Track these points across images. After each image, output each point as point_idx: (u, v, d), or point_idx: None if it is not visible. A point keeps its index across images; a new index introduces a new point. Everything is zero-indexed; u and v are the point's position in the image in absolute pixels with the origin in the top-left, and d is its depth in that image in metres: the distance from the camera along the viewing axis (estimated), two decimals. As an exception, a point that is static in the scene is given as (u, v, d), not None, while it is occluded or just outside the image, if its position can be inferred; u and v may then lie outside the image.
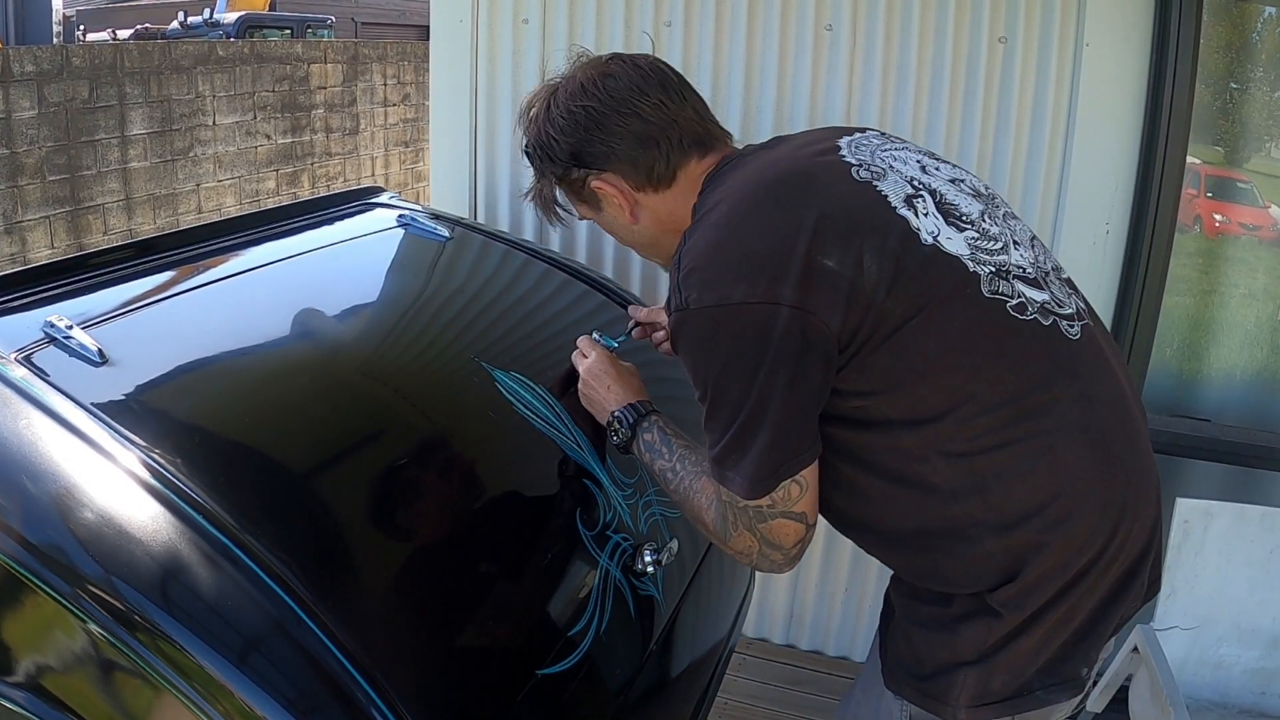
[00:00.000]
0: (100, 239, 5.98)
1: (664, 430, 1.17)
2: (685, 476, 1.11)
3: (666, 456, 1.15)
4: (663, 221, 1.14)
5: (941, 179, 1.07)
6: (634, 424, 1.20)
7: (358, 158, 8.33)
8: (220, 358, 1.21)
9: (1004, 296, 0.99)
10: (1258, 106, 2.08)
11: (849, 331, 0.94)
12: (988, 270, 0.99)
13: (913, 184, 1.03)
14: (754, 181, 1.03)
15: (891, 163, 1.05)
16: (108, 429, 0.98)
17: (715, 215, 1.01)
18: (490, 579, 1.12)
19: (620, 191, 1.13)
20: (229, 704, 0.86)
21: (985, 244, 1.01)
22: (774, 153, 1.10)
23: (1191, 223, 2.16)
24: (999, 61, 1.97)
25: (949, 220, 1.01)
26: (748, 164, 1.08)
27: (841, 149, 1.06)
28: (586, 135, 1.11)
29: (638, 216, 1.15)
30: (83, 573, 0.90)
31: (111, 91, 5.97)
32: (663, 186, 1.12)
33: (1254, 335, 2.16)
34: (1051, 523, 0.95)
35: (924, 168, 1.07)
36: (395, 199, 1.82)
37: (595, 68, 1.14)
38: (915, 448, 0.96)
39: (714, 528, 1.06)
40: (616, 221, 1.18)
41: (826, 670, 2.35)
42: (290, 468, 1.11)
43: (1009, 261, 1.02)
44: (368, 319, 1.43)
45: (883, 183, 1.02)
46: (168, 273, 1.34)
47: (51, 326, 1.09)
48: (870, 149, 1.07)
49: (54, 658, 0.95)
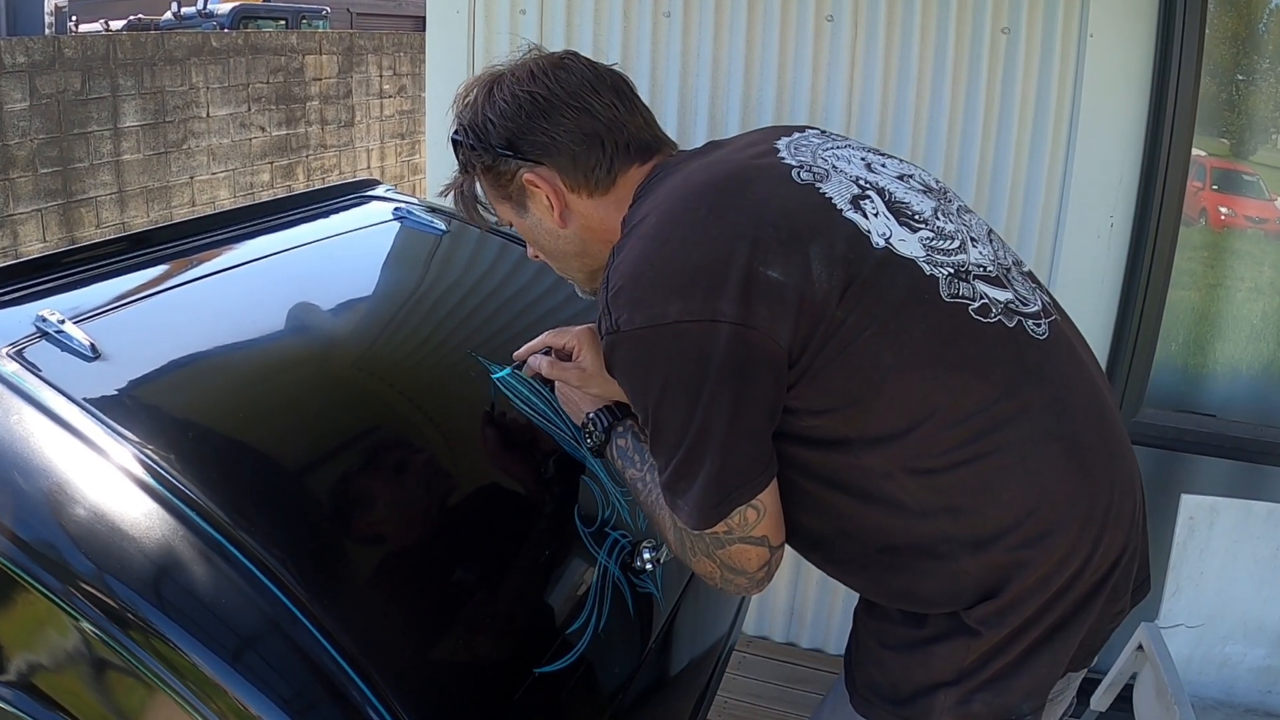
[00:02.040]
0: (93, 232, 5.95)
1: (638, 436, 1.09)
2: (654, 488, 1.02)
3: (637, 465, 1.08)
4: (592, 231, 1.06)
5: (889, 176, 1.00)
6: (608, 428, 1.12)
7: (353, 150, 8.30)
8: (214, 353, 1.20)
9: (965, 299, 0.92)
10: (1264, 98, 2.08)
11: (799, 345, 0.88)
12: (946, 272, 0.93)
13: (859, 184, 0.97)
14: (685, 189, 0.96)
15: (835, 163, 0.99)
16: (100, 425, 0.97)
17: (644, 227, 0.94)
18: (487, 576, 1.11)
19: (553, 190, 1.04)
20: (223, 703, 0.85)
21: (941, 243, 0.95)
22: (707, 158, 1.02)
23: (1197, 216, 2.16)
24: (1002, 52, 1.97)
25: (901, 220, 0.95)
26: (679, 171, 1.00)
27: (780, 150, 0.99)
28: (529, 122, 1.02)
29: (566, 221, 1.06)
30: (75, 570, 0.89)
31: (104, 83, 5.94)
32: (598, 191, 1.04)
33: (1260, 330, 2.15)
34: (1030, 539, 0.91)
35: (869, 165, 1.01)
36: (391, 192, 1.80)
37: (549, 59, 1.07)
38: (878, 466, 0.91)
39: (675, 548, 1.01)
40: (540, 225, 1.08)
41: (827, 668, 2.35)
42: (285, 464, 1.10)
43: (968, 260, 0.95)
44: (364, 313, 1.42)
45: (826, 184, 0.95)
46: (161, 267, 1.33)
47: (43, 321, 1.08)
48: (811, 149, 1.00)
49: (46, 656, 0.94)
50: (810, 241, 0.89)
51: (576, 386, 1.17)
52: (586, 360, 1.16)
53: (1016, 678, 0.93)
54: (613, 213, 1.04)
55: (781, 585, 2.39)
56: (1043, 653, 0.93)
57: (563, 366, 1.18)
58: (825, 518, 0.97)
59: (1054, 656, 0.95)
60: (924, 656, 0.95)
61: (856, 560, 0.99)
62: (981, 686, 0.93)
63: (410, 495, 1.15)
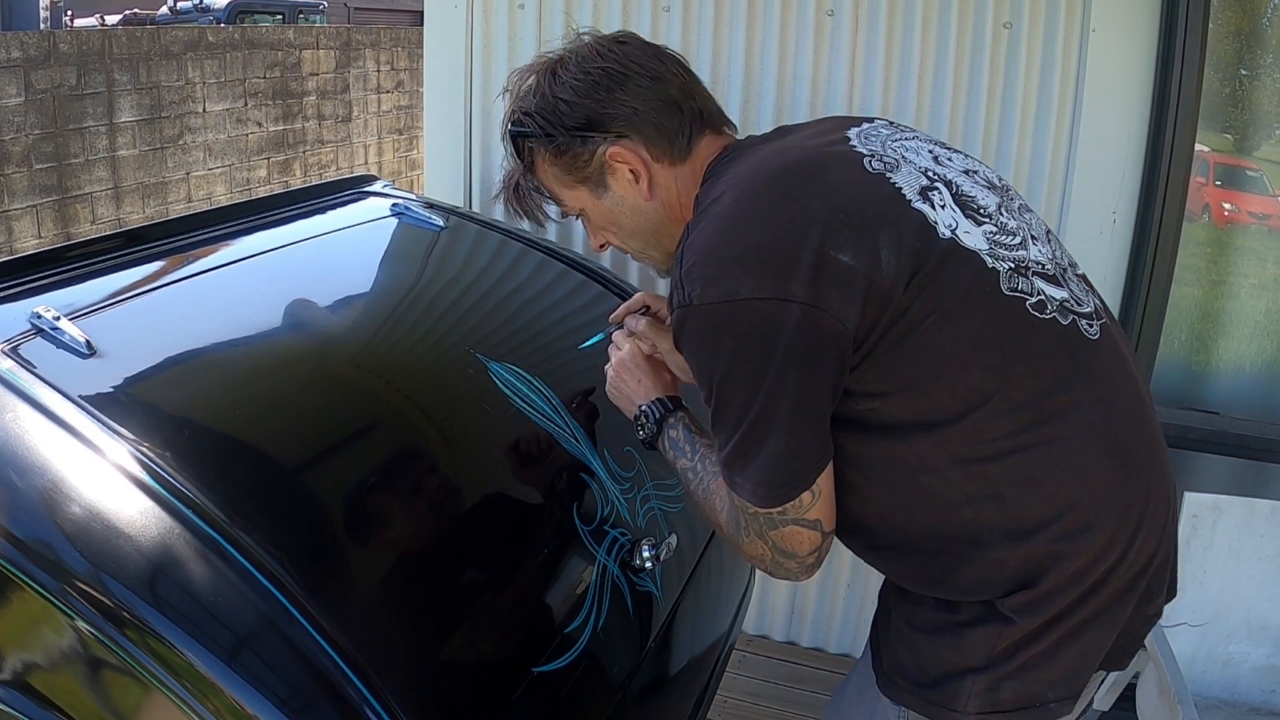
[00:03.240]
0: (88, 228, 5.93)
1: (689, 428, 1.11)
2: (705, 477, 1.05)
3: (689, 455, 1.08)
4: (670, 206, 1.07)
5: (955, 170, 1.02)
6: (660, 419, 1.12)
7: (350, 145, 8.28)
8: (211, 349, 1.19)
9: (1023, 294, 0.95)
10: (1268, 93, 2.07)
11: (864, 329, 0.89)
12: (1006, 266, 0.95)
13: (927, 175, 0.99)
14: (760, 171, 0.98)
15: (904, 154, 1.01)
16: (96, 422, 0.96)
17: (719, 206, 0.96)
18: (486, 575, 1.11)
19: (640, 161, 1.04)
20: (219, 702, 0.84)
21: (1003, 238, 0.97)
22: (780, 143, 1.04)
23: (1200, 212, 2.15)
24: (1004, 47, 1.96)
25: (967, 213, 0.97)
26: (752, 154, 1.02)
27: (851, 139, 1.01)
28: (607, 95, 1.03)
29: (653, 193, 1.06)
30: (70, 568, 0.89)
31: (100, 78, 5.92)
32: (678, 160, 1.05)
33: (1264, 326, 2.15)
34: (1069, 532, 0.92)
35: (937, 158, 1.03)
36: (389, 187, 1.80)
37: (608, 37, 1.08)
38: (928, 453, 0.93)
39: (728, 531, 1.02)
40: (623, 203, 1.08)
41: (828, 668, 2.34)
42: (282, 461, 1.10)
43: (1028, 257, 0.98)
44: (361, 310, 1.41)
45: (896, 174, 0.97)
46: (157, 263, 1.32)
47: (38, 318, 1.07)
48: (880, 139, 1.02)
49: (41, 655, 0.94)
50: (880, 229, 0.91)
51: (667, 350, 1.17)
52: None
53: (1045, 668, 0.95)
54: (688, 186, 1.05)
55: (782, 584, 2.39)
56: (1073, 644, 0.95)
57: (659, 326, 1.19)
58: (869, 504, 0.99)
59: (1085, 650, 0.96)
60: (955, 640, 0.96)
61: (897, 548, 1.00)
62: (1011, 675, 0.94)
63: (408, 493, 1.14)
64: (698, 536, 1.43)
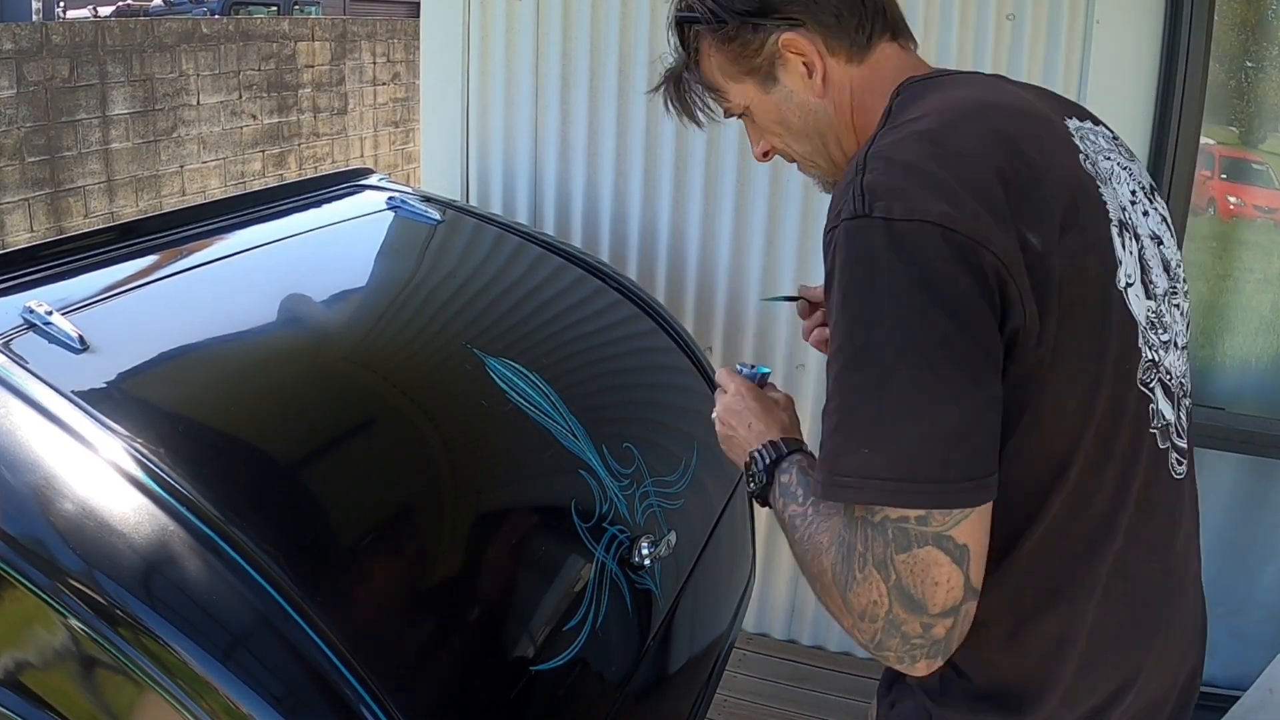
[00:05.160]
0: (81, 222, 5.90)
1: (805, 472, 0.91)
2: (814, 520, 0.84)
3: (800, 500, 0.88)
4: (843, 109, 0.94)
5: (1147, 228, 0.89)
6: (772, 464, 0.94)
7: (346, 138, 8.24)
8: (205, 345, 1.18)
9: (1149, 394, 0.83)
10: (1273, 85, 2.06)
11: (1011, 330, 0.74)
12: (1149, 356, 0.83)
13: (1124, 210, 0.86)
14: (978, 107, 0.84)
15: (1115, 173, 0.89)
16: (89, 418, 0.95)
17: (922, 125, 0.81)
18: (483, 573, 1.10)
19: (815, 52, 0.92)
20: (214, 701, 0.84)
21: (1158, 327, 0.85)
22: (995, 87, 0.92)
23: (1205, 205, 2.14)
24: (1007, 39, 1.95)
25: (1143, 278, 0.85)
26: (961, 86, 0.89)
27: (1070, 127, 0.90)
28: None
29: (826, 89, 0.94)
30: (63, 566, 0.88)
31: (92, 70, 5.88)
32: (856, 58, 0.93)
33: (1269, 321, 2.13)
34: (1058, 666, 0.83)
35: (1135, 201, 0.90)
36: (385, 181, 1.79)
37: None
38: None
39: (832, 576, 0.77)
40: (792, 98, 0.95)
41: (829, 666, 2.34)
42: (277, 458, 1.09)
43: (1164, 360, 0.86)
44: (357, 305, 1.41)
45: (1105, 188, 0.85)
46: (151, 257, 1.32)
47: (31, 312, 1.07)
48: (1097, 147, 0.91)
49: (33, 654, 0.93)
50: (1068, 230, 0.78)
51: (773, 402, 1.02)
52: None
53: None
54: (865, 93, 0.93)
55: (782, 582, 2.38)
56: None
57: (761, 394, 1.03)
58: None
59: None
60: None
61: None
62: None
63: (405, 490, 1.14)
64: (697, 534, 1.42)
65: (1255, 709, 1.76)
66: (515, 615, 1.11)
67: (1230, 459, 2.08)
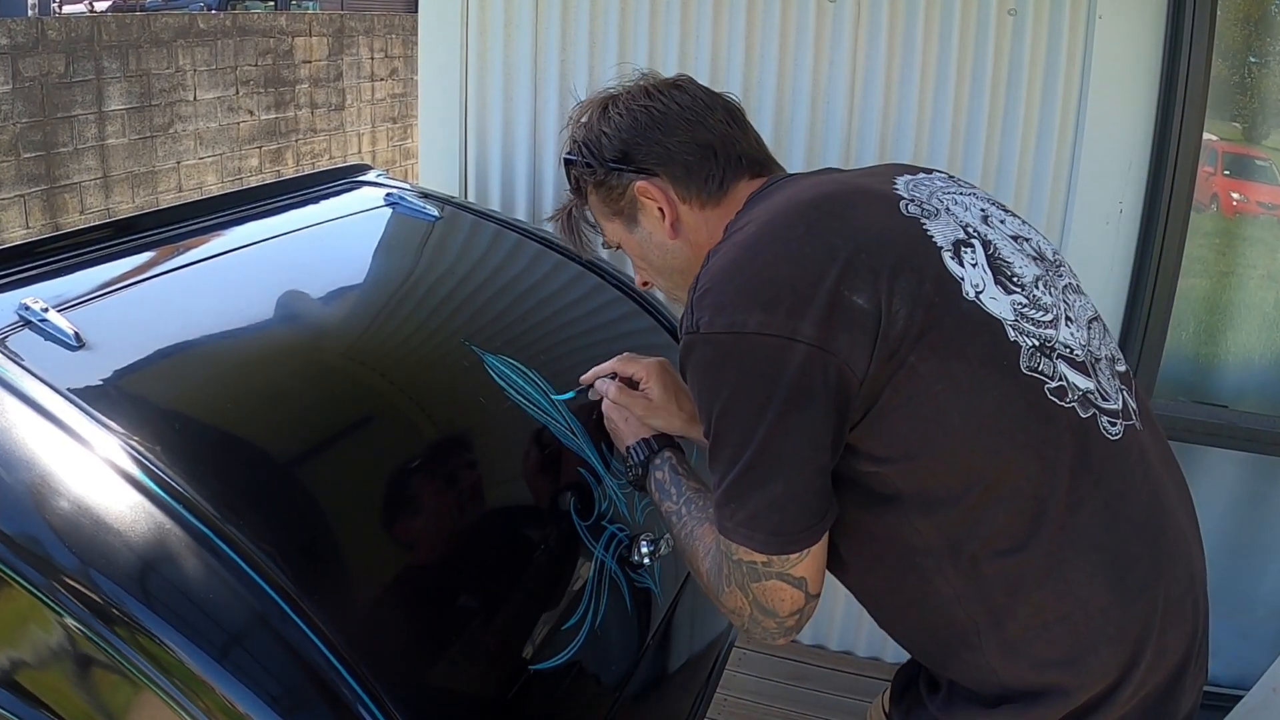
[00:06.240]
0: (77, 218, 5.89)
1: (676, 470, 1.11)
2: (689, 522, 1.04)
3: (674, 498, 1.08)
4: (699, 247, 1.06)
5: (1002, 233, 0.98)
6: (645, 460, 1.13)
7: (343, 134, 8.23)
8: (202, 342, 1.18)
9: (1043, 376, 0.89)
10: (1276, 81, 2.06)
11: (870, 378, 0.85)
12: (1030, 343, 0.90)
13: (966, 230, 0.94)
14: (789, 204, 0.96)
15: (949, 205, 0.97)
16: (85, 415, 0.95)
17: (741, 235, 0.94)
18: (481, 571, 1.10)
19: (665, 200, 1.06)
20: (210, 701, 0.83)
21: (1033, 313, 0.92)
22: (819, 178, 1.03)
23: (1208, 202, 2.14)
24: (1008, 35, 1.94)
25: (998, 278, 0.92)
26: (788, 187, 1.01)
27: (896, 183, 0.99)
28: (644, 134, 1.06)
29: (677, 232, 1.07)
30: (58, 564, 0.87)
31: (88, 66, 5.87)
32: (709, 204, 1.06)
33: (1273, 318, 2.13)
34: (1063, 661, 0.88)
35: (986, 218, 0.98)
36: (382, 177, 1.78)
37: (664, 80, 1.11)
38: (927, 533, 0.89)
39: (708, 580, 0.98)
40: (650, 239, 1.10)
41: (830, 666, 2.33)
42: (274, 456, 1.09)
43: (1055, 338, 0.92)
44: (354, 301, 1.40)
45: (932, 222, 0.93)
46: (147, 253, 1.31)
47: (26, 309, 1.06)
48: (930, 189, 0.99)
49: (28, 653, 0.93)
50: (899, 274, 0.87)
51: (639, 416, 1.18)
52: (654, 391, 1.19)
53: None
54: (719, 227, 1.05)
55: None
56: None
57: (630, 394, 1.20)
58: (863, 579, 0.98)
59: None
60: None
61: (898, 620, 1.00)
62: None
63: (403, 488, 1.13)
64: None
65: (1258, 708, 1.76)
66: (514, 614, 1.10)
67: (1234, 457, 2.08)
